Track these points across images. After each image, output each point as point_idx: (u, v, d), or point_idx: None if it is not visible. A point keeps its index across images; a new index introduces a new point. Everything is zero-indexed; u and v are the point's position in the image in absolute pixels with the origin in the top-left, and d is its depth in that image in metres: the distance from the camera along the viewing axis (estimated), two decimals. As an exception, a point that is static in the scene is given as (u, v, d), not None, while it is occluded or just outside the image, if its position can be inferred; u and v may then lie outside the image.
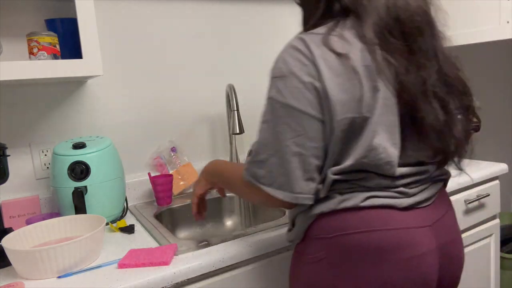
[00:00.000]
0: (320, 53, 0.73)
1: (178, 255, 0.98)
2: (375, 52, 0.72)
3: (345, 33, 0.74)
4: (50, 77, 1.08)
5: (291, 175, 0.76)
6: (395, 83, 0.73)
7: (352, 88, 0.72)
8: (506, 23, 1.50)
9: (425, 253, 0.75)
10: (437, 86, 0.76)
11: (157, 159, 1.52)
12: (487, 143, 2.00)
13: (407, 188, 0.78)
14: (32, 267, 0.90)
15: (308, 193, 0.76)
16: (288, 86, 0.74)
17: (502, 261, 1.72)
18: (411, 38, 0.75)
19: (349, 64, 0.72)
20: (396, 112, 0.74)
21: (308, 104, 0.73)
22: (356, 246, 0.75)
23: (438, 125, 0.76)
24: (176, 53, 1.55)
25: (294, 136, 0.74)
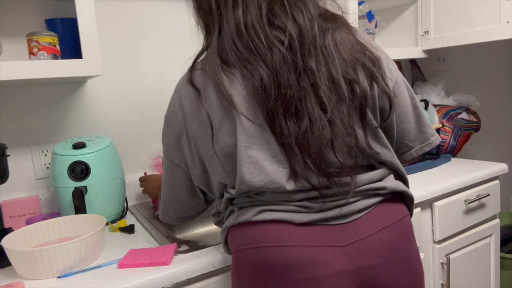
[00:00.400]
0: (185, 93, 0.79)
1: (178, 255, 0.98)
2: (221, 77, 0.72)
3: (208, 64, 0.76)
4: (50, 77, 1.08)
5: (160, 200, 0.99)
6: (253, 103, 0.70)
7: (207, 124, 0.74)
8: (506, 23, 1.50)
9: (331, 275, 0.67)
10: (305, 97, 0.68)
11: (157, 159, 1.52)
12: (487, 143, 2.01)
13: (311, 203, 0.71)
14: (32, 267, 0.90)
15: (168, 216, 0.98)
16: (164, 130, 0.88)
17: (502, 261, 1.72)
18: (262, 51, 0.70)
19: (200, 101, 0.75)
20: (267, 129, 0.70)
21: (167, 150, 0.88)
22: (251, 262, 0.72)
23: (296, 138, 0.69)
24: (176, 53, 1.55)
25: (164, 170, 0.93)
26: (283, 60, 0.69)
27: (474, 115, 1.81)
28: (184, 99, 0.79)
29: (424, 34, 1.81)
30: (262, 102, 0.70)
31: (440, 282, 1.43)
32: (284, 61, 0.69)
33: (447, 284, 1.41)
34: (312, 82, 0.69)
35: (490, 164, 1.59)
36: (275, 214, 0.71)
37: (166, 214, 0.97)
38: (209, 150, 0.76)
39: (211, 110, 0.74)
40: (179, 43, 1.55)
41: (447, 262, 1.40)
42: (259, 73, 0.70)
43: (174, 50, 1.54)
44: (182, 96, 0.79)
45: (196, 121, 0.77)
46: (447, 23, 1.72)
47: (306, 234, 0.70)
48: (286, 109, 0.69)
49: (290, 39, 0.70)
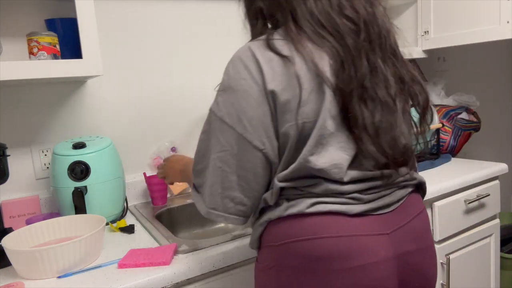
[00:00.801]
0: (265, 58, 0.72)
1: (178, 255, 0.98)
2: (309, 51, 0.71)
3: (291, 35, 0.74)
4: (50, 77, 1.08)
5: (210, 189, 0.77)
6: (333, 82, 0.71)
7: (296, 92, 0.70)
8: (506, 23, 1.50)
9: (378, 262, 0.71)
10: (374, 86, 0.72)
11: (157, 159, 1.52)
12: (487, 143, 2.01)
13: (361, 194, 0.74)
14: (32, 267, 0.90)
15: (223, 211, 0.77)
16: (225, 101, 0.75)
17: (502, 261, 1.72)
18: (337, 35, 0.72)
19: (293, 67, 0.70)
20: (338, 112, 0.72)
21: (239, 121, 0.73)
22: (301, 254, 0.71)
23: (371, 125, 0.72)
24: (176, 53, 1.55)
25: (220, 150, 0.75)
26: (356, 47, 0.72)
27: (474, 115, 1.81)
28: (264, 65, 0.72)
29: (424, 34, 1.81)
30: (340, 80, 0.71)
31: (440, 282, 1.43)
32: (358, 49, 0.72)
33: (447, 284, 1.41)
34: (383, 75, 0.74)
35: (490, 164, 1.59)
36: (328, 206, 0.73)
37: (224, 209, 0.78)
38: (287, 122, 0.72)
39: (301, 80, 0.71)
40: (180, 43, 1.55)
41: (447, 262, 1.40)
42: (337, 50, 0.71)
43: (174, 50, 1.54)
44: (261, 61, 0.72)
45: (280, 87, 0.71)
46: (447, 23, 1.72)
47: (357, 224, 0.73)
48: (360, 95, 0.71)
49: (360, 29, 0.73)
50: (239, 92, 0.73)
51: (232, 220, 0.78)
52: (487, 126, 1.91)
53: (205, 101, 1.62)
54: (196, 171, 0.82)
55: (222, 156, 0.75)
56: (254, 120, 0.72)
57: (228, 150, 0.74)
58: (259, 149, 0.73)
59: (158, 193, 1.43)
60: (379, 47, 0.75)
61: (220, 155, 0.75)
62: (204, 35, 1.60)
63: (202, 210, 0.80)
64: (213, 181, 0.77)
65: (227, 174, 0.75)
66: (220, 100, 0.76)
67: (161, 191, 1.43)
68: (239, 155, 0.74)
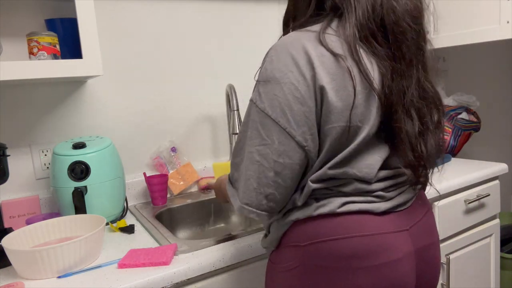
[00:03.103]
0: (316, 52, 0.69)
1: (178, 255, 0.98)
2: (361, 56, 0.70)
3: (339, 33, 0.71)
4: (50, 77, 1.08)
5: (245, 183, 0.74)
6: (381, 90, 0.71)
7: (347, 94, 0.68)
8: (506, 23, 1.50)
9: (401, 258, 0.73)
10: (416, 97, 0.74)
11: (157, 159, 1.52)
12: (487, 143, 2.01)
13: (384, 192, 0.76)
14: (32, 267, 0.90)
15: (256, 208, 0.74)
16: (268, 92, 0.71)
17: (502, 261, 1.72)
18: (395, 44, 0.71)
19: (346, 67, 0.68)
20: (380, 120, 0.73)
21: (283, 115, 0.69)
22: (330, 254, 0.72)
23: (413, 136, 0.73)
24: (176, 53, 1.55)
25: (259, 144, 0.72)
26: (409, 57, 0.72)
27: (474, 115, 1.81)
28: (315, 59, 0.68)
29: (424, 34, 1.81)
30: (388, 92, 0.71)
31: (440, 282, 1.43)
32: (410, 58, 0.72)
33: (447, 284, 1.41)
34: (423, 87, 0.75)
35: (490, 164, 1.59)
36: (358, 206, 0.73)
37: (257, 205, 0.74)
38: (331, 123, 0.70)
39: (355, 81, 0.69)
40: (180, 42, 1.55)
41: (447, 262, 1.40)
42: (389, 61, 0.71)
43: (174, 50, 1.54)
44: (312, 55, 0.68)
45: (331, 85, 0.68)
46: (447, 23, 1.72)
47: (383, 222, 0.74)
48: (407, 107, 0.72)
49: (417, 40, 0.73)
50: (285, 84, 0.69)
51: (263, 217, 0.75)
52: (487, 126, 1.91)
53: (205, 101, 1.63)
54: (234, 164, 0.78)
55: (261, 150, 0.71)
56: (299, 115, 0.69)
57: (268, 144, 0.71)
58: (302, 145, 0.70)
59: (158, 193, 1.43)
60: (424, 62, 0.76)
61: (259, 149, 0.72)
62: (204, 35, 1.60)
63: (235, 205, 0.77)
64: (248, 175, 0.73)
65: (264, 169, 0.72)
66: (263, 91, 0.71)
67: (161, 191, 1.43)
68: (279, 150, 0.70)
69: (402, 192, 0.79)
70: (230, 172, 0.81)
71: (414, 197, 0.82)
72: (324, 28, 0.72)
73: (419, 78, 0.74)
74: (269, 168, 0.71)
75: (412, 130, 0.73)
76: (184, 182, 1.54)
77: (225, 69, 1.65)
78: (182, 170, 1.54)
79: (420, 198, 0.84)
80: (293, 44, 0.71)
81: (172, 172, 1.53)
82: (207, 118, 1.63)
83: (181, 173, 1.54)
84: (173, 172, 1.53)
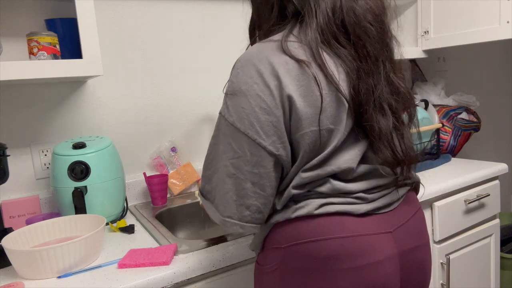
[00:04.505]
0: (280, 62, 0.70)
1: (178, 255, 0.98)
2: (325, 59, 0.70)
3: (301, 39, 0.72)
4: (50, 77, 1.08)
5: (224, 197, 0.75)
6: (349, 90, 0.71)
7: (314, 99, 0.69)
8: (506, 23, 1.50)
9: (383, 260, 0.72)
10: (387, 94, 0.74)
11: (157, 159, 1.52)
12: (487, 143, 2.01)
13: (366, 194, 0.75)
14: (32, 267, 0.90)
15: (239, 220, 0.74)
16: (236, 105, 0.71)
17: (502, 261, 1.72)
18: (358, 43, 0.72)
19: (311, 72, 0.69)
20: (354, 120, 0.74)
21: (251, 127, 0.70)
22: (309, 256, 0.72)
23: (388, 133, 0.74)
24: (176, 53, 1.55)
25: (232, 157, 0.73)
26: (375, 56, 0.73)
27: (474, 115, 1.81)
28: (280, 68, 0.69)
29: (424, 34, 1.81)
30: (356, 92, 0.72)
31: (440, 282, 1.43)
32: (376, 57, 0.73)
33: (447, 284, 1.41)
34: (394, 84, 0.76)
35: (490, 164, 1.59)
36: (336, 207, 0.73)
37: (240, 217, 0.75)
38: (301, 129, 0.70)
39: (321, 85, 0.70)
40: (180, 43, 1.55)
41: (447, 262, 1.40)
42: (354, 61, 0.72)
43: (174, 50, 1.54)
44: (276, 65, 0.69)
45: (298, 92, 0.69)
46: (447, 23, 1.72)
47: (364, 224, 0.73)
48: (379, 105, 0.73)
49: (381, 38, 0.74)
50: (251, 96, 0.70)
51: (248, 229, 0.76)
52: (487, 126, 1.91)
53: (205, 101, 1.63)
54: (205, 176, 0.80)
55: (235, 163, 0.73)
56: (267, 125, 0.70)
57: (241, 156, 0.72)
58: (273, 154, 0.71)
59: (158, 193, 1.43)
60: (391, 58, 0.77)
61: (233, 162, 0.73)
62: (205, 35, 1.60)
63: (216, 219, 0.77)
64: (227, 189, 0.74)
65: (241, 181, 0.73)
66: (230, 104, 0.73)
67: (161, 191, 1.43)
68: (252, 161, 0.72)
69: (388, 194, 0.78)
70: (201, 185, 0.81)
71: (401, 199, 0.81)
72: (285, 36, 0.73)
73: (388, 74, 0.75)
74: (245, 179, 0.73)
75: (387, 126, 0.74)
76: (184, 182, 1.54)
77: (225, 69, 1.65)
78: (182, 170, 1.54)
79: (408, 200, 0.83)
80: (257, 55, 0.72)
81: (172, 172, 1.53)
82: (207, 118, 1.63)
83: (181, 173, 1.54)
84: (173, 172, 1.53)
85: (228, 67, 1.67)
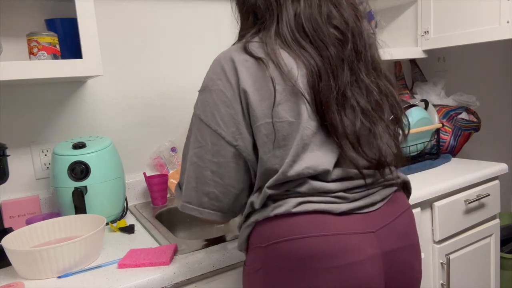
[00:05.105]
0: (240, 59, 0.76)
1: (178, 255, 0.98)
2: (281, 58, 0.74)
3: (262, 40, 0.78)
4: (50, 77, 1.08)
5: (186, 184, 0.82)
6: (307, 88, 0.74)
7: (269, 93, 0.73)
8: (506, 23, 1.50)
9: (364, 260, 0.72)
10: (356, 95, 0.75)
11: (157, 159, 1.52)
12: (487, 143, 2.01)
13: (347, 193, 0.76)
14: (32, 267, 0.90)
15: (198, 205, 0.81)
16: (202, 100, 0.80)
17: (502, 261, 1.72)
18: (321, 46, 0.75)
19: (265, 69, 0.74)
20: (317, 118, 0.75)
21: (213, 118, 0.77)
22: (287, 254, 0.72)
23: (352, 133, 0.74)
24: (177, 53, 1.55)
25: (197, 146, 0.80)
26: (339, 57, 0.75)
27: (474, 115, 1.81)
28: (239, 65, 0.76)
29: (424, 34, 1.81)
30: (316, 91, 0.74)
31: (440, 282, 1.43)
32: (341, 58, 0.75)
33: (447, 284, 1.41)
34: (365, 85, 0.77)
35: (490, 164, 1.59)
36: (315, 205, 0.74)
37: (198, 203, 0.81)
38: (258, 120, 0.75)
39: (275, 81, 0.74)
40: (180, 42, 1.55)
41: (447, 262, 1.40)
42: (315, 61, 0.74)
43: (175, 50, 1.54)
44: (237, 62, 0.76)
45: (253, 87, 0.75)
46: (447, 23, 1.72)
47: (344, 223, 0.74)
48: (341, 104, 0.74)
49: (347, 40, 0.76)
50: (214, 92, 0.78)
51: (206, 214, 0.81)
52: (487, 126, 1.91)
53: (205, 101, 1.63)
54: (182, 169, 0.86)
55: (198, 152, 0.79)
56: (227, 117, 0.76)
57: (203, 146, 0.79)
58: (232, 144, 0.77)
59: (158, 193, 1.43)
60: (364, 59, 0.78)
61: (196, 151, 0.80)
62: (205, 35, 1.60)
63: (178, 205, 0.84)
64: (189, 176, 0.81)
65: (201, 169, 0.79)
66: (199, 100, 0.81)
67: (161, 191, 1.43)
68: (213, 150, 0.78)
69: (371, 193, 0.78)
70: (180, 177, 0.88)
71: (386, 199, 0.81)
72: (249, 37, 0.81)
73: (358, 77, 0.77)
74: (205, 167, 0.79)
75: (352, 127, 0.75)
76: (184, 182, 1.54)
77: (225, 69, 1.65)
78: (182, 170, 1.54)
79: (394, 200, 0.82)
80: (224, 55, 0.79)
81: (172, 172, 1.53)
82: (207, 118, 1.63)
83: (181, 173, 1.54)
84: (173, 172, 1.53)
85: (228, 67, 1.67)
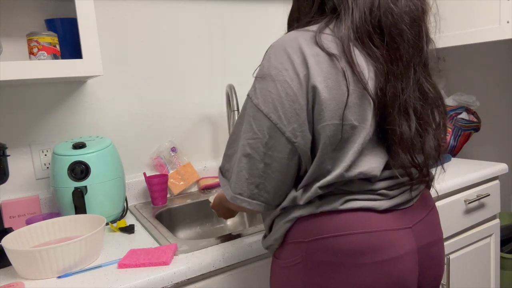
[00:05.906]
0: (311, 53, 0.71)
1: (178, 255, 0.98)
2: (355, 57, 0.71)
3: (335, 33, 0.73)
4: (50, 77, 1.08)
5: (238, 174, 0.77)
6: (375, 90, 0.72)
7: (340, 93, 0.70)
8: (506, 23, 1.50)
9: (403, 255, 0.74)
10: (414, 99, 0.74)
11: (157, 159, 1.52)
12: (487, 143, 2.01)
13: (388, 190, 0.77)
14: (32, 267, 0.90)
15: (248, 197, 0.77)
16: (263, 88, 0.73)
17: (502, 261, 1.72)
18: (392, 46, 0.72)
19: (340, 67, 0.70)
20: (377, 121, 0.74)
21: (274, 111, 0.72)
22: (333, 250, 0.73)
23: (408, 138, 0.73)
24: (176, 53, 1.55)
25: (251, 137, 0.75)
26: (408, 60, 0.72)
27: (474, 115, 1.81)
28: (309, 58, 0.70)
29: (424, 34, 1.81)
30: (383, 95, 0.72)
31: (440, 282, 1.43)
32: (409, 61, 0.72)
33: (447, 284, 1.41)
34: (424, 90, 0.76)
35: (490, 164, 1.59)
36: (360, 203, 0.75)
37: (249, 195, 0.78)
38: (323, 121, 0.71)
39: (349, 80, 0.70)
40: (181, 43, 1.55)
41: (447, 262, 1.40)
42: (385, 62, 0.71)
43: (175, 50, 1.54)
44: (307, 55, 0.70)
45: (324, 84, 0.70)
46: (447, 23, 1.72)
47: (386, 220, 0.75)
48: (404, 109, 0.73)
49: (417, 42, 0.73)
50: (279, 82, 0.72)
51: (254, 206, 0.78)
52: (487, 126, 1.91)
53: (205, 101, 1.63)
54: (226, 155, 0.82)
55: (253, 143, 0.75)
56: (290, 112, 0.71)
57: (259, 138, 0.74)
58: (291, 141, 0.72)
59: (158, 193, 1.43)
60: (424, 61, 0.76)
61: (251, 142, 0.75)
62: (205, 36, 1.60)
63: (228, 195, 0.80)
64: (241, 167, 0.77)
65: (255, 161, 0.75)
66: (258, 87, 0.75)
67: (161, 191, 1.43)
68: (269, 144, 0.74)
69: (405, 191, 0.80)
70: (222, 163, 0.84)
71: (418, 196, 0.83)
72: (321, 28, 0.74)
73: (419, 79, 0.75)
74: (259, 160, 0.75)
75: (408, 132, 0.73)
76: (184, 182, 1.54)
77: (225, 69, 1.65)
78: (182, 170, 1.54)
79: (424, 197, 0.85)
80: (290, 43, 0.73)
81: (172, 172, 1.53)
82: (207, 118, 1.63)
83: (181, 173, 1.54)
84: (173, 172, 1.53)
85: (228, 67, 1.68)
